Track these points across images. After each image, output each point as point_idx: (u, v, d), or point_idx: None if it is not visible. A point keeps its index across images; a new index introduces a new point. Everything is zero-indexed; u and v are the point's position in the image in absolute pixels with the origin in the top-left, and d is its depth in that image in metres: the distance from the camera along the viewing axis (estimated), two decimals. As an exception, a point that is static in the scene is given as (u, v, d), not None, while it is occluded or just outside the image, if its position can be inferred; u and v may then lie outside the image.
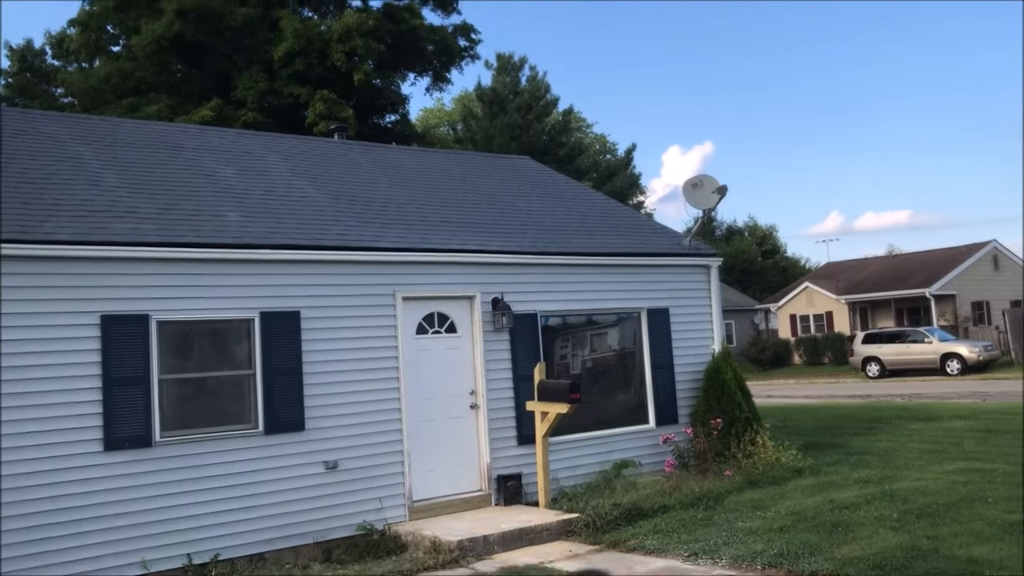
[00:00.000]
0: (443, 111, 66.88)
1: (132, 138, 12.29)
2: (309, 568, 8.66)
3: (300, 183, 12.09)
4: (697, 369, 12.90)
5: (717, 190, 13.15)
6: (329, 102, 30.56)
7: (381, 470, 10.02)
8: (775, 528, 9.07)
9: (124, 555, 8.40)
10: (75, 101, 35.63)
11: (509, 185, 14.86)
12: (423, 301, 10.67)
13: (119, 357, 8.63)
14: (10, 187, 9.45)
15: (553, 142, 49.63)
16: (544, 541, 9.63)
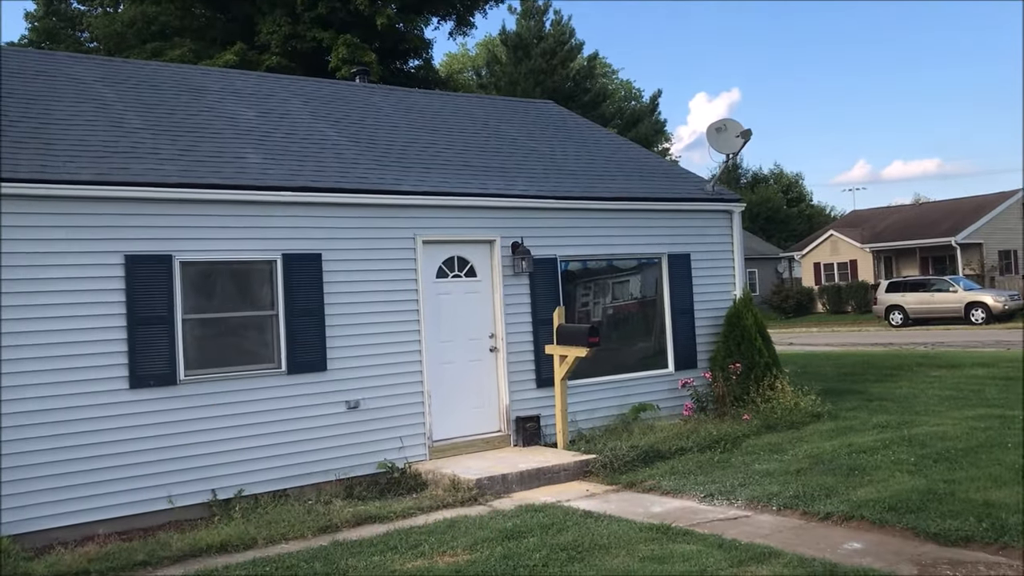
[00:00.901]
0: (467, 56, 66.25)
1: (154, 80, 12.30)
2: (331, 504, 8.83)
3: (321, 126, 12.08)
4: (718, 315, 12.89)
5: (741, 134, 13.00)
6: (352, 46, 30.35)
7: (401, 410, 10.15)
8: (791, 471, 9.14)
9: (150, 490, 8.62)
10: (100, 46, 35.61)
11: (532, 130, 14.76)
12: (443, 245, 10.70)
13: (143, 297, 8.75)
14: (32, 128, 9.52)
15: (577, 88, 49.08)
16: (562, 481, 9.77)
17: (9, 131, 9.29)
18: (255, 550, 7.59)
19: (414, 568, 6.69)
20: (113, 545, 7.84)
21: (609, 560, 6.62)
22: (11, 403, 8.07)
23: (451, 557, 6.95)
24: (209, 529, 8.19)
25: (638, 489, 9.27)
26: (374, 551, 7.20)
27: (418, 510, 8.68)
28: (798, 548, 6.78)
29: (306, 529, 8.04)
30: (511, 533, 7.47)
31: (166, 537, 8.02)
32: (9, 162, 8.56)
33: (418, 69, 37.59)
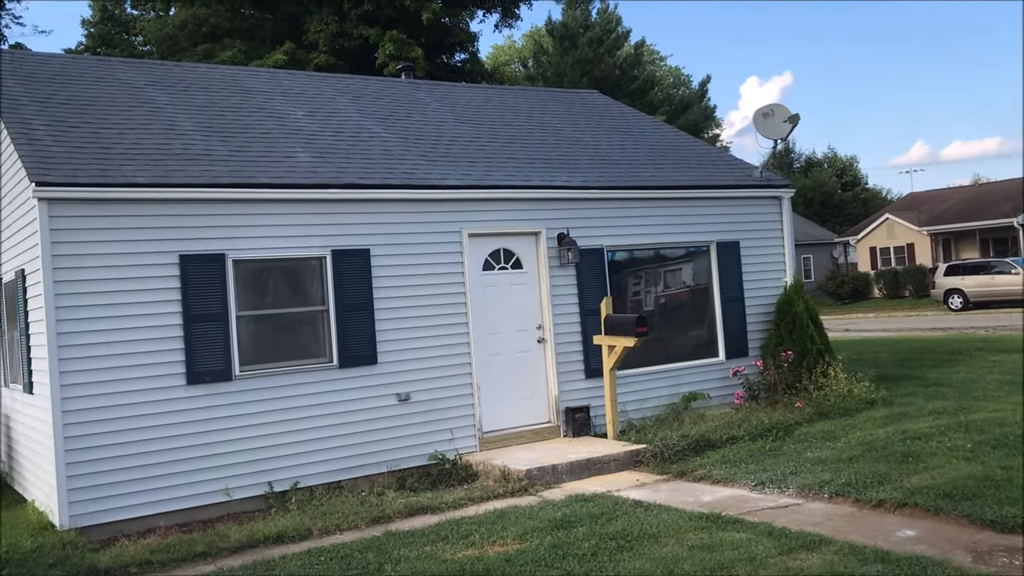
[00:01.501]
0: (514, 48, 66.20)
1: (205, 82, 12.56)
2: (384, 495, 8.99)
3: (368, 123, 12.22)
4: (768, 302, 12.79)
5: (789, 119, 12.86)
6: (398, 42, 30.57)
7: (451, 402, 10.27)
8: (844, 458, 9.05)
9: (208, 483, 8.84)
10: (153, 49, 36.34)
11: (576, 120, 14.76)
12: (489, 237, 10.78)
13: (198, 295, 8.97)
14: (90, 133, 9.80)
15: (625, 76, 48.78)
16: (611, 471, 9.80)
17: (69, 136, 9.58)
18: (310, 540, 7.77)
19: (465, 557, 6.79)
20: (174, 537, 8.09)
21: (658, 548, 6.65)
22: (73, 400, 8.34)
23: (501, 546, 7.03)
24: (266, 520, 8.40)
25: (688, 478, 9.26)
26: (426, 541, 7.32)
27: (469, 501, 8.78)
28: (849, 536, 6.74)
29: (360, 520, 8.20)
30: (561, 523, 7.54)
31: (224, 529, 8.24)
32: (69, 167, 8.84)
33: (464, 63, 37.73)
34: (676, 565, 6.19)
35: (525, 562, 6.55)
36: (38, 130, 9.52)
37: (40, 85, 10.93)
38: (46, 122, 9.79)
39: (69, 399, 8.32)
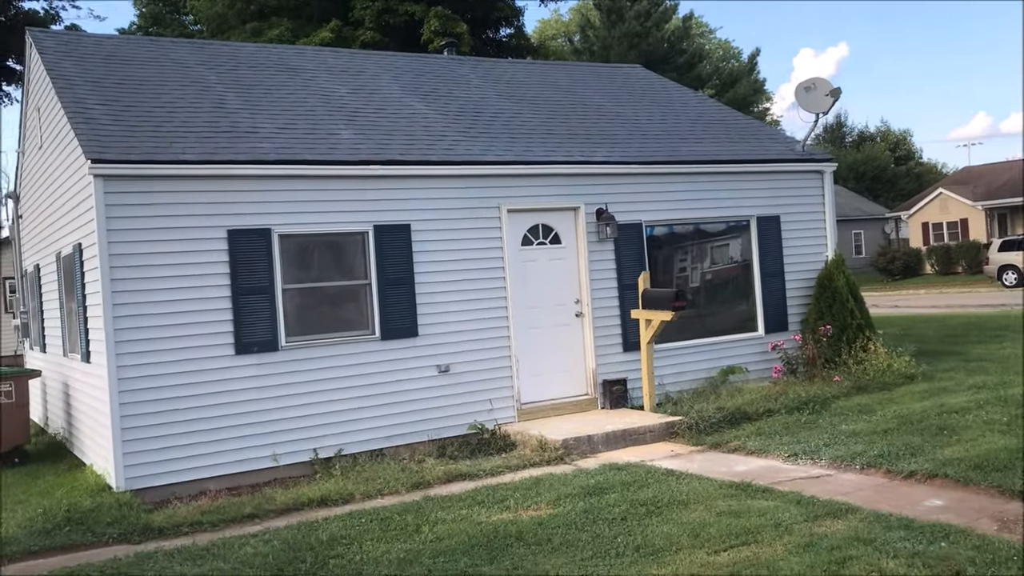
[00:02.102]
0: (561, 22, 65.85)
1: (252, 61, 12.86)
2: (424, 462, 9.28)
3: (410, 100, 12.44)
4: (809, 276, 12.80)
5: (830, 93, 12.79)
6: (443, 18, 30.73)
7: (490, 374, 10.51)
8: (878, 431, 9.12)
9: (256, 449, 9.20)
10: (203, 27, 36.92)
11: (618, 95, 14.82)
12: (528, 213, 10.95)
13: (245, 268, 9.30)
14: (142, 111, 10.15)
15: (673, 50, 48.34)
16: (647, 442, 9.97)
17: (123, 115, 9.94)
18: (352, 504, 8.08)
19: (499, 520, 7.04)
20: (223, 499, 8.47)
21: (687, 514, 6.82)
22: (127, 369, 8.72)
23: (535, 511, 7.27)
24: (311, 485, 8.73)
25: (723, 449, 9.41)
26: (462, 505, 7.59)
27: (506, 468, 9.03)
28: (877, 505, 6.84)
29: (400, 485, 8.49)
30: (593, 489, 7.75)
31: (271, 492, 8.60)
32: (123, 145, 9.19)
33: (509, 38, 37.72)
34: (702, 529, 6.37)
35: (556, 525, 6.77)
36: (93, 109, 9.88)
37: (94, 66, 11.31)
38: (101, 101, 10.16)
39: (124, 367, 8.71)
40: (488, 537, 6.59)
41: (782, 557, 5.71)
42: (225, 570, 6.34)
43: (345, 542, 6.79)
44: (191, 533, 7.54)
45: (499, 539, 6.53)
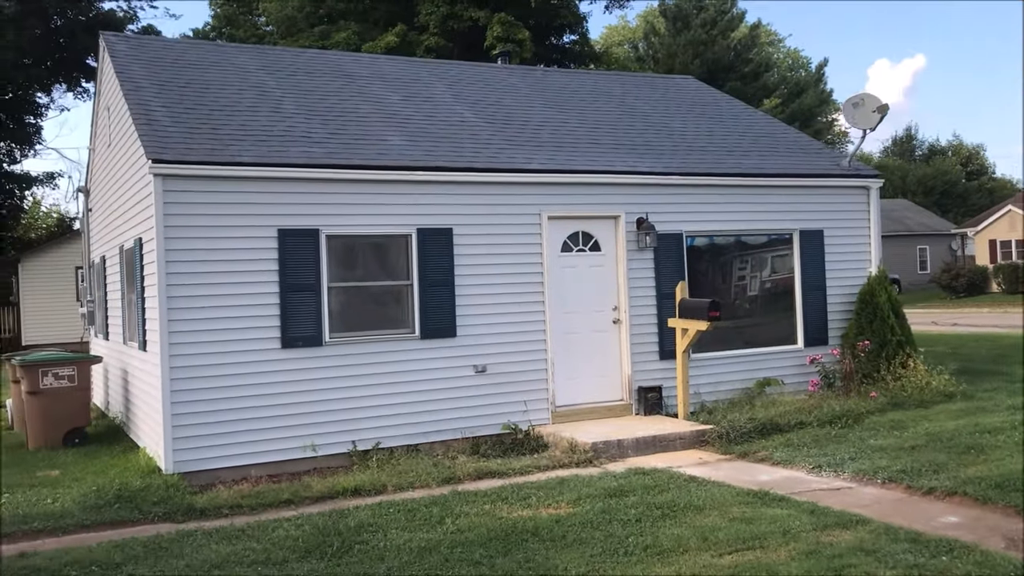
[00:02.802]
0: (627, 29, 65.87)
1: (311, 67, 13.36)
2: (456, 459, 9.61)
3: (460, 108, 12.80)
4: (851, 291, 12.84)
5: (878, 109, 12.82)
6: (506, 24, 31.16)
7: (526, 376, 10.80)
8: (906, 447, 9.19)
9: (297, 439, 9.63)
10: (274, 29, 37.92)
11: (668, 106, 15.00)
12: (568, 220, 11.22)
13: (293, 267, 9.74)
14: (203, 115, 10.68)
15: (738, 58, 48.08)
16: (676, 449, 10.16)
17: (184, 117, 10.47)
18: (384, 495, 8.44)
19: (519, 516, 7.32)
20: (263, 485, 8.92)
21: (700, 518, 7.03)
22: (179, 358, 9.22)
23: (554, 509, 7.54)
24: (347, 475, 9.13)
25: (750, 459, 9.55)
26: (486, 501, 7.89)
27: (535, 468, 9.31)
28: (891, 518, 6.96)
29: (431, 479, 8.83)
30: (614, 491, 7.99)
31: (309, 480, 9.01)
32: (182, 146, 9.71)
33: (573, 44, 37.99)
34: (712, 533, 6.58)
35: (573, 523, 7.04)
36: (157, 111, 10.44)
37: (161, 69, 11.91)
38: (164, 104, 10.71)
39: (176, 356, 9.21)
40: (505, 531, 6.89)
41: (783, 562, 5.90)
42: (257, 549, 6.74)
43: (371, 529, 7.14)
44: (230, 515, 7.97)
45: (516, 534, 6.82)
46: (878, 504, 7.50)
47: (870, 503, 7.53)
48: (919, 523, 6.83)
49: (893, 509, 7.32)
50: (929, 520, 6.95)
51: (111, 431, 12.44)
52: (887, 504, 7.50)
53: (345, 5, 34.47)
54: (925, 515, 7.12)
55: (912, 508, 7.37)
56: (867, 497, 7.75)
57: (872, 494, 7.87)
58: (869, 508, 7.32)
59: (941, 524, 6.83)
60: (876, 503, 7.54)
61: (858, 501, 7.59)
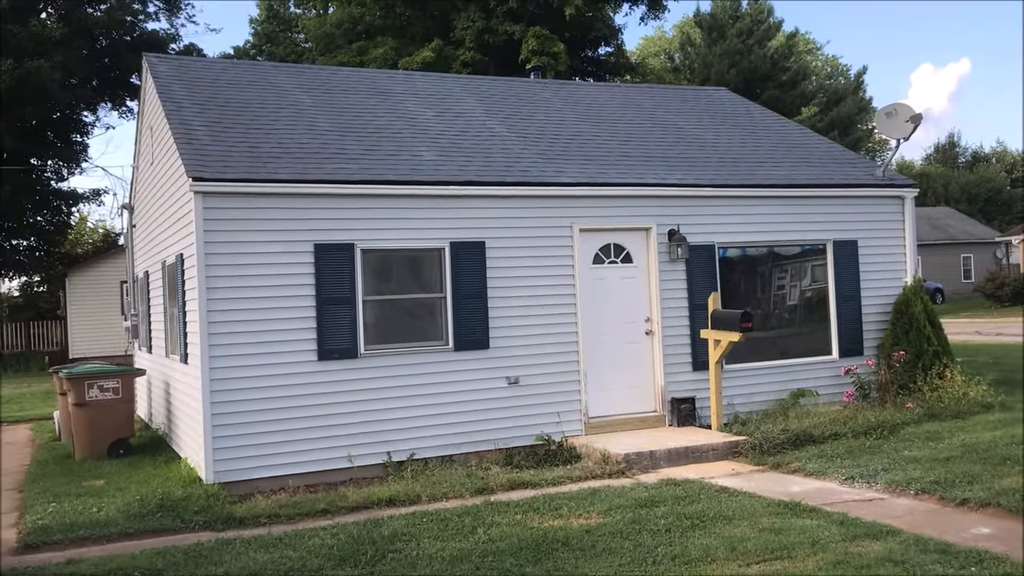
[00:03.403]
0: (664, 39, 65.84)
1: (346, 85, 13.63)
2: (489, 470, 9.72)
3: (492, 123, 12.97)
4: (886, 302, 12.77)
5: (911, 118, 12.77)
6: (541, 38, 31.36)
7: (559, 387, 10.90)
8: (940, 458, 9.14)
9: (334, 450, 9.82)
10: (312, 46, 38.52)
11: (700, 117, 15.05)
12: (599, 232, 11.32)
13: (329, 280, 9.95)
14: (241, 133, 10.95)
15: (776, 67, 47.81)
16: (709, 460, 10.19)
17: (223, 136, 10.76)
18: (418, 505, 8.58)
19: (549, 527, 7.42)
20: (301, 495, 9.11)
21: (729, 529, 7.08)
22: (219, 371, 9.45)
23: (585, 519, 7.63)
24: (382, 486, 9.28)
25: (783, 470, 9.55)
26: (518, 511, 8.00)
27: (567, 479, 9.40)
28: (923, 529, 6.95)
29: (464, 490, 8.96)
30: (645, 502, 8.05)
31: (345, 490, 9.19)
32: (221, 164, 9.97)
33: (608, 56, 38.09)
34: (740, 543, 6.62)
35: (603, 533, 7.12)
36: (197, 130, 10.73)
37: (201, 89, 12.23)
38: (204, 123, 11.01)
39: (216, 368, 9.45)
40: (536, 541, 6.99)
41: (811, 572, 5.94)
42: (293, 557, 6.91)
43: (405, 538, 7.29)
44: (268, 524, 8.16)
45: (546, 543, 6.92)
46: (910, 515, 7.48)
47: (902, 514, 7.52)
48: (950, 534, 6.81)
49: (925, 520, 7.31)
50: (960, 531, 6.93)
51: (154, 442, 12.74)
52: (919, 515, 7.49)
53: (382, 22, 34.93)
54: (957, 526, 7.10)
55: (944, 519, 7.34)
56: (899, 508, 7.74)
57: (904, 505, 7.85)
58: (900, 519, 7.31)
59: (973, 535, 6.81)
60: (908, 514, 7.52)
61: (890, 512, 7.58)
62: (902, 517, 7.40)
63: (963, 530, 6.97)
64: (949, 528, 7.03)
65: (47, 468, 11.29)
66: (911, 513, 7.57)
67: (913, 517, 7.42)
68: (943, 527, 7.06)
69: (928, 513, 7.56)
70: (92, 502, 9.04)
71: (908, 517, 7.41)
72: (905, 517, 7.41)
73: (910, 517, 7.41)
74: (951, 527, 7.06)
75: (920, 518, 7.39)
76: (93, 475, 10.59)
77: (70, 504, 9.02)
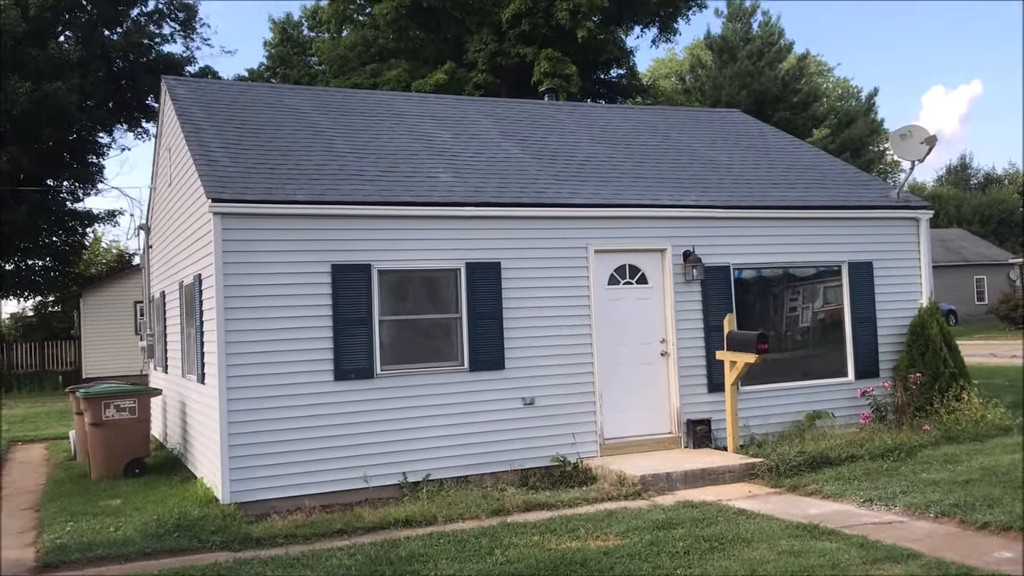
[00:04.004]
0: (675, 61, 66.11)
1: (363, 107, 13.74)
2: (505, 491, 9.71)
3: (507, 144, 13.05)
4: (901, 323, 12.74)
5: (926, 140, 12.77)
6: (554, 60, 31.52)
7: (574, 408, 10.89)
8: (959, 481, 9.09)
9: (350, 470, 9.82)
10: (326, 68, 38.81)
11: (714, 139, 15.10)
12: (615, 254, 11.35)
13: (346, 301, 9.99)
14: (261, 154, 11.04)
15: (786, 89, 47.96)
16: (726, 482, 10.15)
17: (242, 157, 10.84)
18: (434, 526, 8.57)
19: (567, 548, 7.40)
20: (317, 515, 9.11)
21: (748, 552, 7.04)
22: (237, 391, 9.48)
23: (603, 541, 7.60)
24: (398, 506, 9.28)
25: (800, 493, 9.51)
26: (535, 532, 7.98)
27: (583, 501, 9.38)
28: (943, 553, 6.91)
29: (480, 511, 8.94)
30: (663, 524, 8.02)
31: (361, 511, 9.18)
32: (240, 185, 10.05)
33: (620, 78, 38.25)
34: (760, 567, 6.59)
35: (621, 555, 7.09)
36: (216, 152, 10.82)
37: (219, 111, 12.34)
38: (222, 144, 11.10)
39: (234, 388, 9.48)
40: (554, 562, 6.97)
41: (832, 595, 5.90)
42: (311, 578, 6.91)
43: (422, 559, 7.27)
44: (285, 544, 8.16)
45: (564, 564, 6.90)
46: (930, 538, 7.43)
47: (921, 537, 7.47)
48: (971, 558, 6.77)
49: (945, 543, 7.26)
50: (982, 555, 6.88)
51: (169, 462, 12.76)
52: (939, 538, 7.44)
53: (395, 44, 35.17)
54: (978, 550, 7.05)
55: (965, 543, 7.29)
56: (919, 531, 7.69)
57: (924, 528, 7.80)
58: (920, 542, 7.27)
59: (995, 559, 6.76)
60: (928, 537, 7.48)
61: (909, 535, 7.54)
62: (922, 540, 7.36)
63: (985, 554, 6.92)
64: (970, 552, 6.98)
65: (63, 487, 11.33)
66: (931, 536, 7.52)
67: (933, 540, 7.37)
68: (964, 550, 7.01)
69: (948, 536, 7.51)
70: (109, 521, 9.06)
71: (928, 540, 7.36)
72: (925, 540, 7.36)
73: (930, 540, 7.37)
74: (972, 550, 7.02)
75: (940, 541, 7.34)
76: (109, 494, 10.61)
77: (87, 523, 9.04)
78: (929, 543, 7.26)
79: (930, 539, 7.41)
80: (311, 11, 43.82)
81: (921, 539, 7.40)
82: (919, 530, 7.73)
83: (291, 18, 47.09)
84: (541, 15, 31.71)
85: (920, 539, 7.40)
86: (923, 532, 7.66)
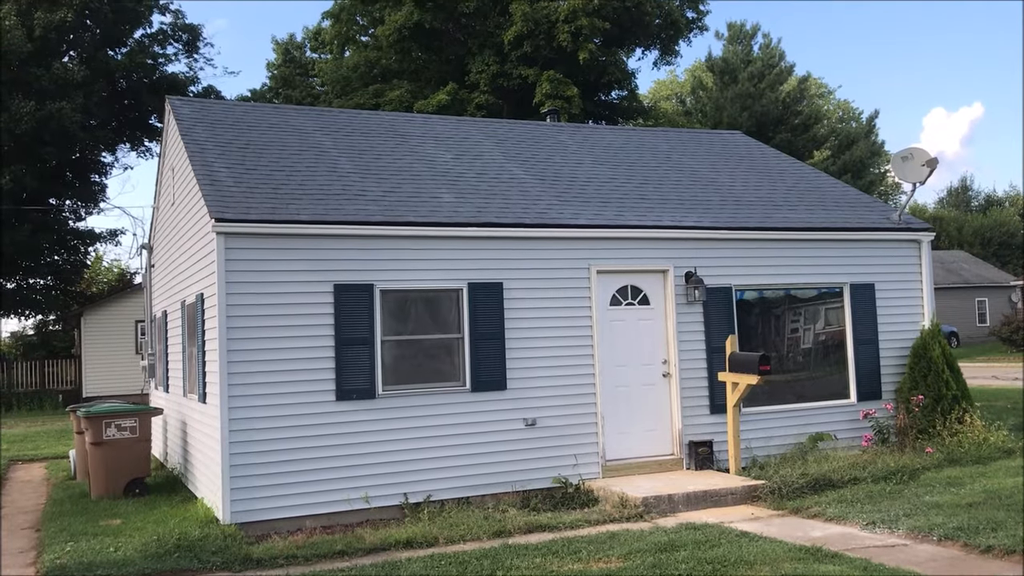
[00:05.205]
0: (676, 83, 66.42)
1: (366, 128, 13.79)
2: (507, 512, 9.66)
3: (510, 165, 13.09)
4: (904, 345, 12.73)
5: (927, 163, 12.82)
6: (555, 82, 31.70)
7: (576, 429, 10.87)
8: (963, 504, 9.05)
9: (350, 491, 9.79)
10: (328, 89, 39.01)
11: (715, 161, 15.15)
12: (617, 274, 11.36)
13: (348, 321, 9.99)
14: (264, 174, 11.08)
15: (787, 111, 48.15)
16: (728, 504, 10.11)
17: (245, 177, 10.88)
18: (436, 547, 8.53)
19: (570, 571, 7.37)
20: (318, 536, 9.07)
21: (751, 574, 7.01)
22: (238, 411, 9.47)
23: (605, 563, 7.57)
24: (399, 528, 9.24)
25: (803, 515, 9.47)
26: (537, 554, 7.94)
27: (585, 522, 9.34)
28: (946, 577, 6.88)
29: (482, 533, 8.90)
30: (665, 546, 7.99)
31: (362, 532, 9.15)
32: (243, 205, 10.08)
33: (621, 100, 38.43)
34: (763, 590, 6.56)
35: (623, 578, 7.06)
36: (219, 172, 10.87)
37: (223, 131, 12.40)
38: (226, 164, 11.15)
39: (235, 408, 9.47)
40: (556, 584, 6.94)
41: (836, 619, 5.87)
42: (312, 600, 6.87)
43: (424, 581, 7.24)
44: (286, 565, 8.13)
45: (566, 587, 6.87)
46: (934, 562, 7.40)
47: (925, 560, 7.44)
48: (975, 582, 6.74)
49: (949, 567, 7.23)
50: (986, 579, 6.86)
51: (169, 481, 12.72)
52: (943, 562, 7.41)
53: (398, 65, 35.37)
54: (982, 573, 7.01)
55: (968, 566, 7.26)
56: (922, 555, 7.66)
57: (928, 551, 7.76)
58: (924, 566, 7.24)
59: (999, 583, 6.74)
60: (931, 560, 7.44)
61: (913, 558, 7.50)
62: (926, 564, 7.32)
63: (989, 577, 6.89)
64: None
65: (63, 507, 11.29)
66: (935, 560, 7.48)
67: (937, 564, 7.34)
68: (968, 574, 6.98)
69: (951, 560, 7.48)
70: (109, 541, 9.02)
71: (932, 564, 7.33)
72: (929, 564, 7.33)
73: (934, 564, 7.34)
74: (975, 574, 6.98)
75: (943, 565, 7.31)
76: (110, 514, 10.58)
77: (87, 543, 9.00)
78: (933, 567, 7.22)
79: (933, 562, 7.37)
80: (314, 32, 44.20)
81: (925, 562, 7.37)
82: (923, 553, 7.70)
83: (294, 39, 47.44)
84: (543, 37, 31.93)
85: (923, 562, 7.37)
86: (926, 555, 7.62)
